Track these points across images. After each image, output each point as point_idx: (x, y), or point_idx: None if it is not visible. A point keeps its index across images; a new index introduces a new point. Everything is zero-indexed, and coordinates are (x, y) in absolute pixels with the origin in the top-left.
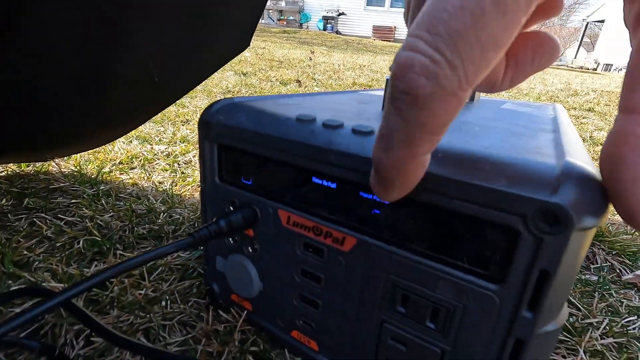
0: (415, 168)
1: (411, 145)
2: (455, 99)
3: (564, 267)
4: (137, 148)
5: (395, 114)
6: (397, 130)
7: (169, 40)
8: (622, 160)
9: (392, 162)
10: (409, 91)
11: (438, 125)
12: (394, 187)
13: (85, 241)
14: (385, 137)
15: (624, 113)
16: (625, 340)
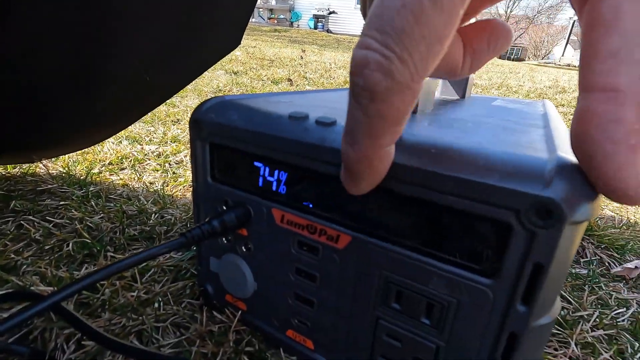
0: (380, 159)
1: (374, 137)
2: (409, 91)
3: (557, 261)
4: (127, 148)
5: (357, 109)
6: (360, 123)
7: (159, 39)
8: (590, 139)
9: (358, 155)
10: (367, 87)
11: (397, 116)
12: (362, 179)
13: (75, 243)
14: (350, 131)
15: (585, 92)
16: (615, 332)
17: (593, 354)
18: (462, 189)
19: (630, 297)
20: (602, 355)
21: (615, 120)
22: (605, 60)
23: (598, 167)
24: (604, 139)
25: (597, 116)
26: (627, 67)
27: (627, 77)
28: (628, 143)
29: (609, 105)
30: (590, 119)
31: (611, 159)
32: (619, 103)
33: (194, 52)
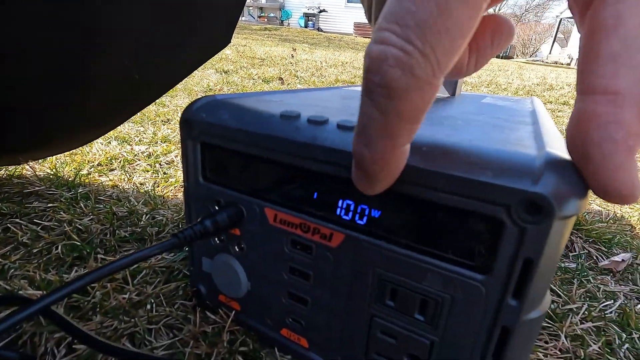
0: (397, 159)
1: (391, 136)
2: (430, 87)
3: (547, 255)
4: (117, 149)
5: (373, 107)
6: (375, 123)
7: (148, 36)
8: (589, 139)
9: (374, 156)
10: (384, 84)
11: (416, 114)
12: (377, 180)
13: (64, 246)
14: (364, 131)
15: (583, 95)
16: (603, 324)
17: (582, 346)
18: (453, 186)
19: (618, 290)
20: (591, 347)
21: (615, 121)
22: (606, 64)
23: (595, 168)
24: (603, 140)
25: (597, 117)
26: (627, 71)
27: (627, 80)
28: (626, 144)
29: (609, 107)
30: (590, 120)
31: (609, 160)
32: (619, 105)
33: (183, 50)
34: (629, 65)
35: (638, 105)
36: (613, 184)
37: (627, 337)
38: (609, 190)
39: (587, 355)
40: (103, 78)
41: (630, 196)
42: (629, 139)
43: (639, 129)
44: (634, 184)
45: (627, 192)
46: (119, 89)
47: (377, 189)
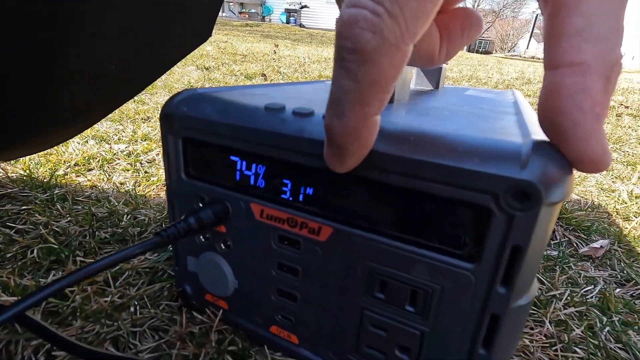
0: (368, 130)
1: (363, 104)
2: (399, 53)
3: (534, 242)
4: (94, 148)
5: (345, 76)
6: (347, 92)
7: (124, 30)
8: (560, 110)
9: (345, 127)
10: (356, 47)
11: (387, 81)
12: (348, 154)
13: (40, 249)
14: (335, 102)
15: (551, 69)
16: (585, 309)
17: (566, 330)
18: (441, 174)
19: (597, 275)
20: (575, 331)
21: (582, 91)
22: (571, 39)
23: (568, 137)
24: (573, 108)
25: (566, 88)
26: (591, 44)
27: (591, 52)
28: (594, 112)
29: (576, 77)
30: (560, 91)
31: (580, 127)
32: (585, 76)
33: (161, 44)
34: (592, 39)
35: (601, 76)
36: (586, 151)
37: (608, 320)
38: (583, 158)
39: (571, 340)
40: (76, 73)
41: (603, 162)
42: (596, 106)
43: (604, 98)
44: (604, 150)
45: (599, 159)
46: (93, 85)
47: (348, 164)
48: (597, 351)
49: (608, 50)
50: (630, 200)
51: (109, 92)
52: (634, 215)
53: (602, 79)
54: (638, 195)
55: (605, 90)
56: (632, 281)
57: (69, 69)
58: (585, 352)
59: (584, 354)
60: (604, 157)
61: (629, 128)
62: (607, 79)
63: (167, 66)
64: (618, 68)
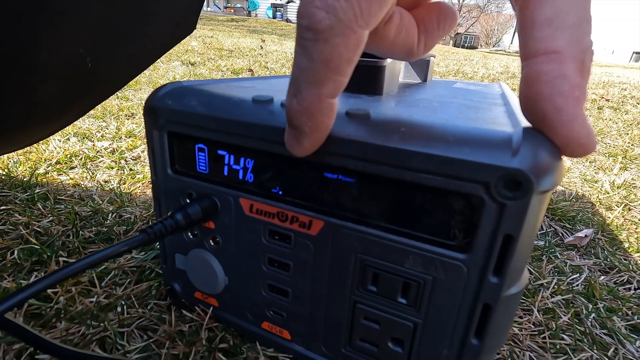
0: (322, 112)
1: (317, 84)
2: (353, 35)
3: (526, 230)
4: (76, 146)
5: (302, 54)
6: (303, 70)
7: (102, 21)
8: (540, 96)
9: (301, 106)
10: (310, 26)
11: (340, 62)
12: (305, 136)
13: (21, 250)
14: (294, 81)
15: (528, 59)
16: (571, 297)
17: (553, 318)
18: (432, 165)
19: (582, 264)
20: (562, 318)
21: (561, 76)
22: (543, 29)
23: (552, 122)
24: (554, 93)
25: (545, 74)
26: (563, 32)
27: (563, 39)
28: (573, 96)
29: (553, 64)
30: (539, 78)
31: (562, 111)
32: (561, 62)
33: (142, 36)
34: (563, 26)
35: (576, 61)
36: (571, 134)
37: (593, 307)
38: (570, 141)
39: (558, 327)
40: (54, 67)
41: (589, 144)
42: (575, 90)
43: (581, 82)
44: (589, 132)
45: (585, 141)
46: (73, 80)
47: (305, 147)
48: (584, 337)
49: (579, 36)
50: (612, 190)
51: (88, 86)
52: (616, 205)
53: (577, 63)
54: (620, 186)
55: (582, 75)
56: (616, 268)
57: (46, 61)
58: (572, 339)
59: (570, 340)
60: (589, 138)
61: (609, 120)
62: (582, 63)
63: (149, 60)
64: (591, 53)
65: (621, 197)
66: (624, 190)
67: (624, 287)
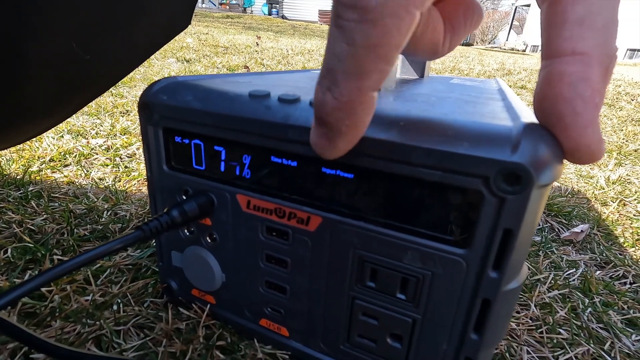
0: (364, 107)
1: (360, 75)
2: (407, 15)
3: (525, 225)
4: (70, 143)
5: (341, 38)
6: (343, 59)
7: (93, 13)
8: (561, 97)
9: (338, 101)
10: (356, 3)
11: (390, 48)
12: (339, 135)
13: (15, 249)
14: (328, 72)
15: (551, 58)
16: (568, 291)
17: (550, 313)
18: (431, 159)
19: (578, 259)
20: (559, 313)
21: (584, 79)
22: (573, 27)
23: (567, 125)
24: (575, 96)
25: (568, 76)
26: (592, 33)
27: (593, 41)
28: (594, 102)
29: (578, 66)
30: (561, 79)
31: (580, 116)
32: (587, 64)
33: (138, 30)
34: (594, 28)
35: (602, 65)
36: (584, 140)
37: (590, 301)
38: (580, 147)
39: (555, 322)
40: (45, 61)
41: (599, 152)
42: (596, 96)
43: (602, 88)
44: (600, 140)
45: (596, 148)
46: (64, 75)
47: (339, 148)
48: (580, 331)
49: (607, 40)
50: (608, 186)
51: (82, 82)
52: (611, 200)
53: (602, 68)
54: (615, 181)
55: (604, 81)
56: (611, 263)
57: (36, 55)
58: (568, 333)
59: (567, 334)
60: (599, 147)
61: (604, 117)
62: (606, 69)
63: (144, 55)
64: (615, 59)
65: (616, 193)
66: (619, 185)
67: (619, 282)
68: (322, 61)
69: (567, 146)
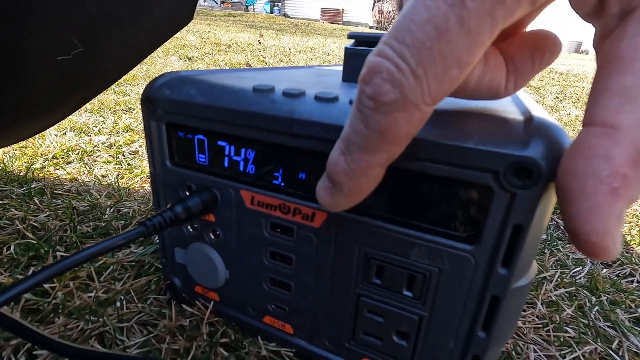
0: (367, 178)
1: (369, 152)
2: (417, 112)
3: (536, 221)
4: (73, 140)
5: (359, 118)
6: (358, 134)
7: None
8: (574, 170)
9: (348, 167)
10: (374, 96)
11: (398, 136)
12: (342, 195)
13: (18, 245)
14: (346, 139)
15: (584, 126)
16: (574, 289)
17: (557, 311)
18: (440, 154)
19: (585, 257)
20: (565, 311)
21: (604, 156)
22: (612, 97)
23: (572, 203)
24: (587, 172)
25: (587, 149)
26: (633, 107)
27: (630, 117)
28: (610, 185)
29: (602, 139)
30: (580, 150)
31: (588, 197)
32: (613, 140)
33: (141, 25)
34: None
35: (633, 146)
36: (583, 225)
37: (597, 300)
38: (577, 231)
39: (562, 320)
40: (45, 57)
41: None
42: (614, 180)
43: (630, 173)
44: (608, 233)
45: (597, 240)
46: (65, 71)
47: (338, 204)
48: (587, 330)
49: None
50: None
51: (83, 78)
52: None
53: (633, 149)
54: None
55: (634, 166)
56: (618, 261)
57: (37, 51)
58: (575, 332)
59: (574, 333)
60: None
61: None
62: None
63: (146, 51)
64: None
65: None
66: None
67: (626, 280)
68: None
69: (565, 225)
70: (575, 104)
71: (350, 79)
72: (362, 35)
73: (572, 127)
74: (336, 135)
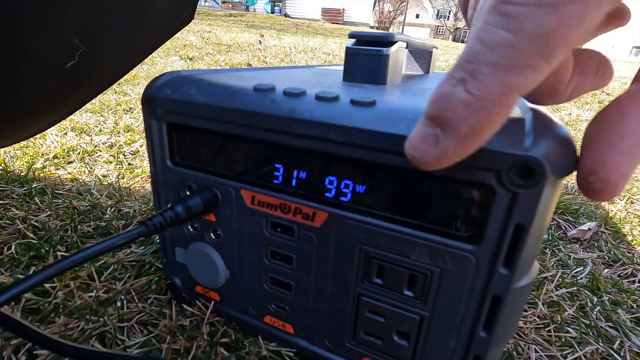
0: (498, 111)
1: (513, 70)
2: (597, 8)
3: (538, 220)
4: (74, 140)
5: (503, 25)
6: (496, 47)
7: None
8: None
9: (471, 96)
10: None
11: (562, 43)
12: (454, 138)
13: (19, 245)
14: (469, 63)
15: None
16: (576, 290)
17: (558, 311)
18: None
19: (586, 257)
20: (567, 311)
21: None
22: None
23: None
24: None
25: None
26: None
27: None
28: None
29: None
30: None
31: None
32: None
33: (142, 25)
34: None
35: None
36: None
37: (598, 300)
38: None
39: (563, 320)
40: (45, 57)
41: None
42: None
43: None
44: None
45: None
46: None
47: (446, 155)
48: (589, 330)
49: None
50: None
51: (84, 78)
52: (619, 198)
53: None
54: None
55: None
56: (620, 261)
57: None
58: (577, 332)
59: (576, 333)
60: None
61: None
62: None
63: (147, 51)
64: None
65: (624, 191)
66: None
67: (628, 280)
68: (464, 51)
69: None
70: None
71: (351, 78)
72: (363, 34)
73: (573, 127)
74: (337, 135)
